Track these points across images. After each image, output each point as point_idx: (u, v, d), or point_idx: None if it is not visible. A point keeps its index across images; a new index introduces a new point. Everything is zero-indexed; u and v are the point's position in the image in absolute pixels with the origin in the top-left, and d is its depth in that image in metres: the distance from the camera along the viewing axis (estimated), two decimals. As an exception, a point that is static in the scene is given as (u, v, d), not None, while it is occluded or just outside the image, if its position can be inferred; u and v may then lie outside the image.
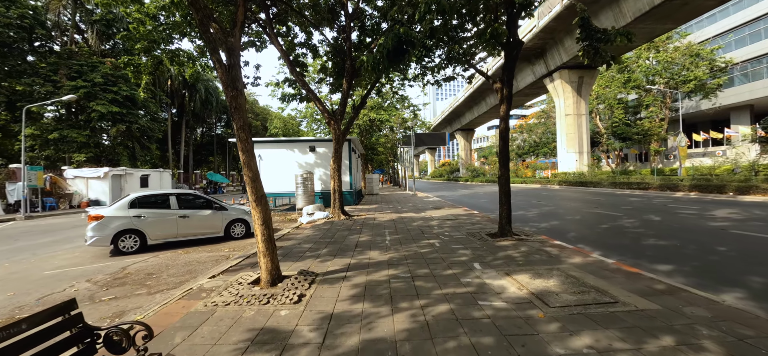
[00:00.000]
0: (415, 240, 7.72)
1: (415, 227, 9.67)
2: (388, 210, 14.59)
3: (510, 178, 7.99)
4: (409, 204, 17.38)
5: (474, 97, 46.68)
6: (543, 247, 6.64)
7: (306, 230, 9.73)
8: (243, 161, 4.30)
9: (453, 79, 16.39)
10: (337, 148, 11.75)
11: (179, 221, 9.32)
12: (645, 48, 39.11)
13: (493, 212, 13.18)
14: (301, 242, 7.92)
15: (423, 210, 14.08)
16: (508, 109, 7.94)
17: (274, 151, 18.04)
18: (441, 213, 12.69)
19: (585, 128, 29.02)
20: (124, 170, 26.40)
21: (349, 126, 12.97)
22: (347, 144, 17.89)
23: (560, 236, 8.12)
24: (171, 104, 43.30)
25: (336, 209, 11.63)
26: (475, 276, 4.95)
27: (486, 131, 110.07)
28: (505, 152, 7.86)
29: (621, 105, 42.11)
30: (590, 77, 29.06)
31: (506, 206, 7.68)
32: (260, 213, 4.41)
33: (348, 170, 17.87)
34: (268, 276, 4.43)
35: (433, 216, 11.84)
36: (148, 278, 6.48)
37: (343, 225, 10.40)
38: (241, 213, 10.33)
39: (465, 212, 12.76)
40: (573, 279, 4.60)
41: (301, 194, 16.53)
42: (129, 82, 28.77)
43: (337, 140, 11.70)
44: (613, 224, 9.67)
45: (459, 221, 10.58)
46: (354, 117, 13.27)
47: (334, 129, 11.66)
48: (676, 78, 37.93)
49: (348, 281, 4.84)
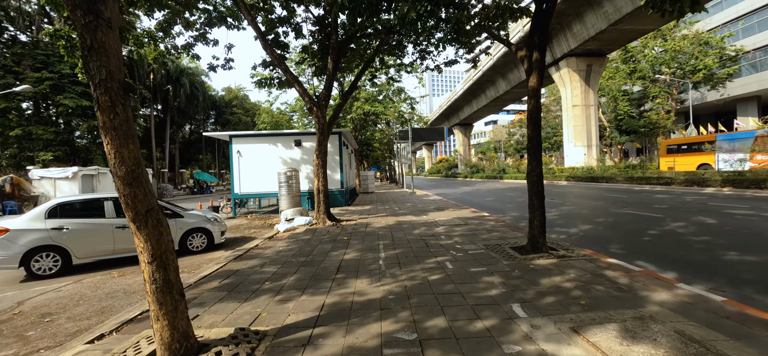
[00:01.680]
0: (419, 259, 5.78)
1: (417, 236, 7.73)
2: (384, 212, 12.65)
3: (542, 174, 6.06)
4: (408, 204, 15.46)
5: (473, 90, 44.76)
6: (599, 270, 4.73)
7: (279, 243, 7.76)
8: (106, 145, 2.34)
9: (455, 63, 14.51)
10: (322, 140, 9.77)
11: (117, 234, 7.33)
12: (651, 37, 37.41)
13: (506, 214, 11.27)
14: (264, 264, 5.94)
15: (424, 212, 12.16)
16: (539, 81, 6.02)
17: (254, 146, 16.00)
18: (446, 216, 10.76)
19: (594, 120, 27.23)
20: (96, 169, 24.19)
21: (337, 115, 10.99)
22: (337, 138, 15.91)
23: (605, 249, 6.23)
24: (154, 100, 40.91)
25: (320, 214, 9.66)
26: (523, 333, 3.03)
27: (483, 126, 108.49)
28: (537, 140, 5.93)
29: (625, 97, 40.47)
30: (599, 65, 27.24)
31: (539, 211, 5.75)
32: (146, 243, 2.44)
33: (338, 167, 15.89)
34: (167, 353, 2.47)
35: (437, 220, 9.91)
36: (38, 323, 4.54)
37: (327, 235, 8.44)
38: (201, 221, 8.35)
39: (474, 215, 10.85)
40: (693, 344, 2.68)
41: (285, 195, 14.53)
42: (102, 75, 26.48)
43: (321, 130, 9.71)
44: (660, 229, 7.80)
45: (470, 226, 8.66)
46: (342, 104, 11.29)
47: (318, 118, 9.68)
48: (684, 67, 36.31)
49: (313, 353, 2.89)
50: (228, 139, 16.15)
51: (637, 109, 40.01)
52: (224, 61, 11.84)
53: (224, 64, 11.88)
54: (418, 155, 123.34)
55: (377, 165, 63.03)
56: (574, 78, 26.81)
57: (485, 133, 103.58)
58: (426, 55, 13.56)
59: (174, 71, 40.49)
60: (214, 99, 52.61)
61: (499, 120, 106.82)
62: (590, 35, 23.19)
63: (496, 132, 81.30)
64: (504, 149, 70.75)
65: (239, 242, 8.98)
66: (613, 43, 25.17)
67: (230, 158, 16.09)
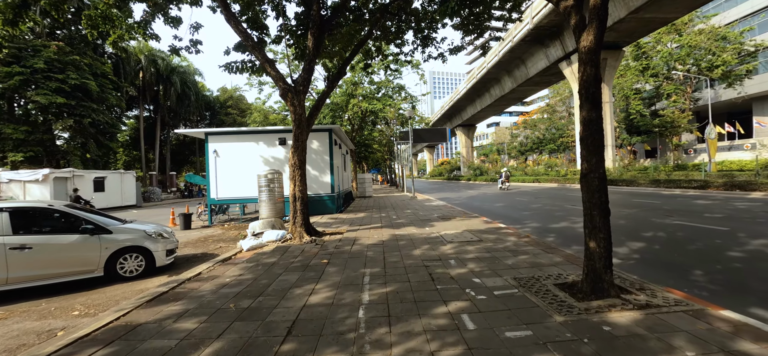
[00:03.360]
0: (421, 307, 3.79)
1: (418, 260, 5.75)
2: (379, 222, 10.68)
3: (606, 176, 4.08)
4: (408, 211, 13.49)
5: (477, 89, 42.81)
6: (719, 333, 2.76)
7: (231, 270, 5.79)
8: None
9: (460, 49, 12.61)
10: (299, 134, 7.83)
11: (12, 256, 5.41)
12: (665, 32, 35.49)
13: (524, 225, 9.25)
14: (185, 314, 3.96)
15: (427, 221, 10.18)
16: (598, 37, 4.09)
17: (233, 145, 14.10)
18: (453, 228, 8.78)
19: (609, 118, 25.24)
20: (71, 171, 22.34)
21: (320, 104, 9.05)
22: (328, 135, 13.98)
23: (690, 283, 4.27)
24: (143, 99, 39.13)
25: (297, 227, 7.69)
26: None
27: (485, 128, 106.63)
28: (597, 126, 3.95)
29: (638, 95, 38.49)
30: (614, 59, 25.28)
31: (604, 235, 3.76)
32: None
33: (328, 168, 13.94)
34: None
35: (443, 235, 7.92)
36: None
37: (299, 256, 6.47)
38: (138, 237, 6.42)
39: (487, 226, 8.86)
40: None
41: (266, 201, 12.55)
42: (80, 70, 24.75)
43: (299, 122, 7.77)
44: (742, 249, 5.81)
45: (486, 244, 6.68)
46: (327, 92, 9.36)
47: (294, 106, 7.75)
48: (700, 63, 34.35)
49: None
50: (204, 137, 14.26)
51: (648, 108, 38.11)
52: (189, 44, 9.94)
53: (189, 46, 9.99)
54: (420, 157, 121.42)
55: (377, 168, 61.15)
56: (588, 73, 24.79)
57: (487, 135, 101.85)
58: (428, 43, 11.71)
59: (164, 69, 38.71)
60: (208, 99, 50.86)
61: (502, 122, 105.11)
62: (606, 25, 21.19)
63: (498, 134, 79.44)
64: (507, 151, 68.98)
65: (194, 261, 7.04)
66: (631, 34, 23.21)
67: (206, 159, 14.18)
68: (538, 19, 24.30)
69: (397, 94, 27.32)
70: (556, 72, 30.57)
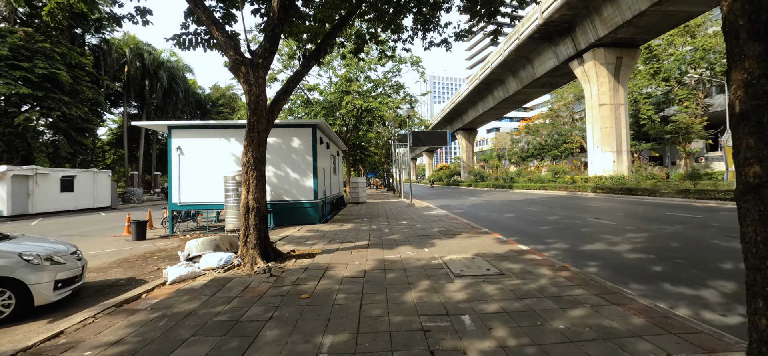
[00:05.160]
0: None
1: (413, 316, 3.70)
2: (366, 238, 8.62)
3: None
4: (404, 222, 11.44)
5: (479, 90, 40.93)
6: None
7: (115, 327, 3.71)
8: None
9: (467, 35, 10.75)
10: (255, 123, 5.79)
11: None
12: (677, 34, 33.81)
13: (546, 244, 7.13)
14: None
15: (426, 238, 8.13)
16: None
17: (200, 140, 12.05)
18: (460, 249, 6.73)
19: (624, 121, 23.30)
20: (34, 169, 20.21)
21: (290, 89, 7.01)
22: (311, 131, 11.96)
23: None
24: (128, 95, 37.05)
25: (248, 249, 5.61)
26: None
27: (485, 133, 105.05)
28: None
29: (648, 100, 36.78)
30: (630, 58, 23.39)
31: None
32: None
33: (311, 171, 11.90)
34: None
35: (448, 261, 5.87)
36: None
37: (234, 302, 4.40)
38: (10, 264, 4.39)
39: (504, 248, 6.80)
40: None
41: (233, 208, 10.51)
42: (50, 59, 22.69)
43: (254, 105, 5.74)
44: None
45: (512, 283, 4.63)
46: (302, 73, 7.33)
47: (248, 85, 5.72)
48: (715, 67, 32.68)
49: None
50: (166, 130, 12.20)
51: (657, 113, 36.45)
52: (135, 11, 7.91)
53: (134, 14, 7.95)
54: (419, 162, 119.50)
55: (374, 171, 59.07)
56: (602, 72, 22.92)
57: (487, 140, 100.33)
58: (430, 26, 9.77)
59: (151, 64, 36.67)
60: (199, 98, 48.86)
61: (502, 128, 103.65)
62: (625, 20, 19.35)
63: (498, 140, 77.76)
64: (508, 156, 67.35)
65: (106, 292, 5.00)
66: (651, 30, 21.33)
67: (168, 157, 12.12)
68: (549, 14, 22.44)
69: (396, 93, 25.35)
70: (564, 73, 28.71)
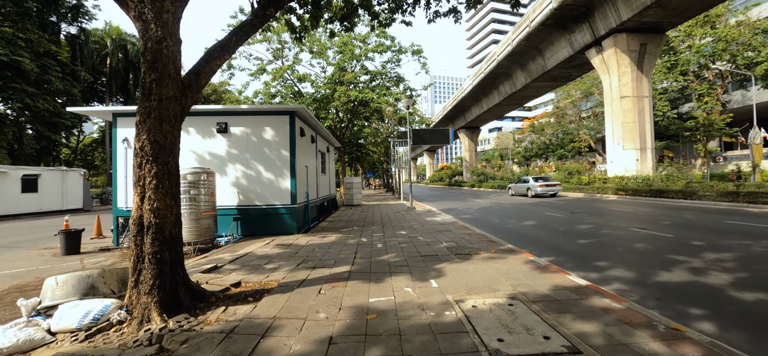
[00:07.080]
0: None
1: None
2: (349, 261, 6.36)
3: None
4: (402, 233, 9.17)
5: (483, 85, 38.67)
6: None
7: None
8: None
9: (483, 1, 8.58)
10: (153, 84, 3.54)
11: None
12: (696, 24, 31.56)
13: (601, 271, 4.73)
14: None
15: (433, 262, 5.87)
16: None
17: (152, 132, 9.75)
18: (483, 282, 4.47)
19: (648, 116, 21.02)
20: (-12, 167, 18.02)
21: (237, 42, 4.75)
22: (288, 119, 9.70)
23: None
24: (110, 89, 34.86)
25: (141, 295, 3.36)
26: None
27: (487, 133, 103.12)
28: None
29: (664, 96, 34.62)
30: (655, 46, 21.11)
31: None
32: None
33: (287, 169, 9.63)
34: None
35: (469, 315, 3.60)
36: None
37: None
38: None
39: (549, 282, 4.53)
40: None
41: (185, 216, 8.27)
42: (13, 44, 20.45)
43: (152, 55, 3.49)
44: None
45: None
46: (255, 23, 5.04)
47: (142, 21, 3.47)
48: (737, 60, 30.42)
49: None
50: (111, 119, 9.95)
51: (673, 109, 34.35)
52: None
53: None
54: (419, 162, 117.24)
55: (373, 171, 56.77)
56: (623, 61, 20.64)
57: (489, 140, 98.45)
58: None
59: (135, 56, 34.49)
60: (190, 93, 46.59)
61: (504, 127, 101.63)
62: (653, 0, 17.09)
63: (501, 139, 75.71)
64: (511, 156, 65.34)
65: None
66: (681, 13, 19.04)
67: (113, 151, 9.87)
68: (563, -3, 20.20)
69: (395, 85, 23.09)
70: (578, 64, 26.43)
